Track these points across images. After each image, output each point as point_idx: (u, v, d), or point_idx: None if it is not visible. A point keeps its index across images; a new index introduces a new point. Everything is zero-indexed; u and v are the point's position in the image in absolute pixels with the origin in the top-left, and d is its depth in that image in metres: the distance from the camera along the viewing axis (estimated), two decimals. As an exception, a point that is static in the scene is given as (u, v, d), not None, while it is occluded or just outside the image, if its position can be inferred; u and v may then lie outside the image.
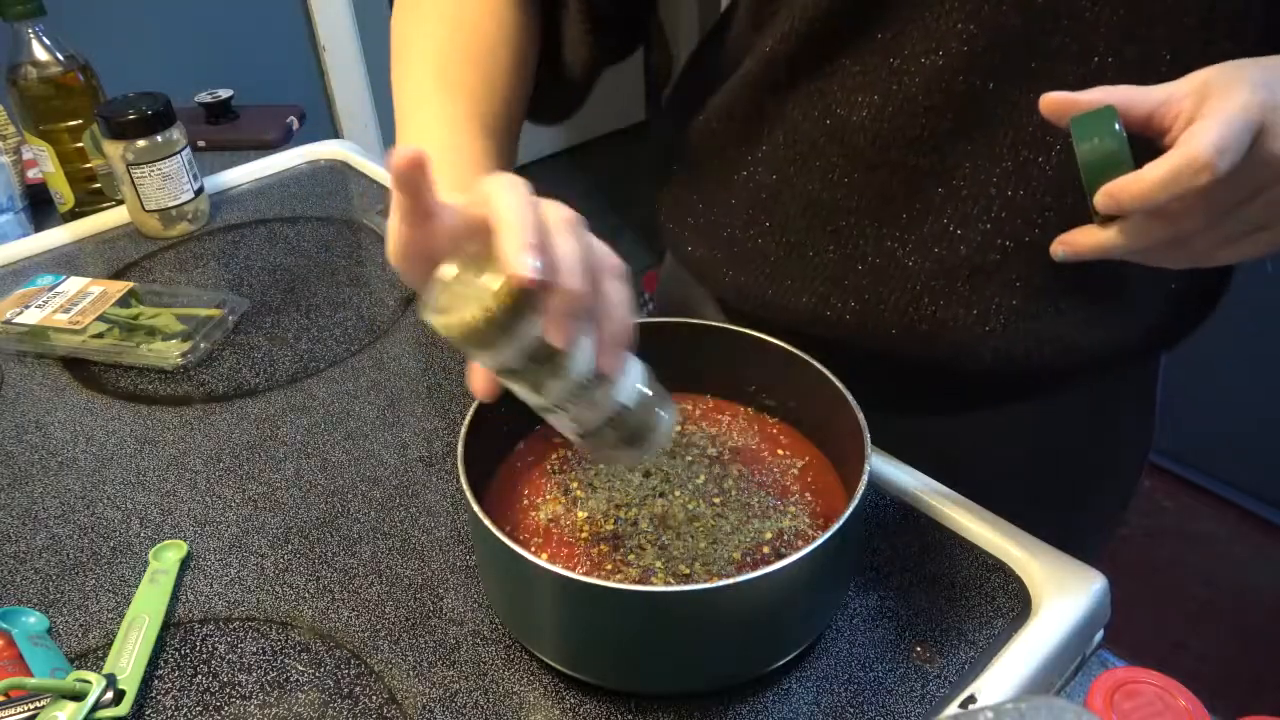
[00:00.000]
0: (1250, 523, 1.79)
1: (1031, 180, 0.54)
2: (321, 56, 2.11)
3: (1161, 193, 0.40)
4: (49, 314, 0.76)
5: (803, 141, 0.59)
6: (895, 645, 0.51)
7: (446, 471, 0.63)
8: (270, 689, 0.50)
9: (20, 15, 0.88)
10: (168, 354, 0.73)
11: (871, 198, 0.58)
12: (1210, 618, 1.64)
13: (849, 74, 0.56)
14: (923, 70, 0.53)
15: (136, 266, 0.89)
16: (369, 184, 1.01)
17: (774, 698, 0.48)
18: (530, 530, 0.53)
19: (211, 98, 1.21)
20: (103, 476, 0.64)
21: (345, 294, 0.83)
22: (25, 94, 0.91)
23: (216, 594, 0.55)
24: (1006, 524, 0.56)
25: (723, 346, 0.58)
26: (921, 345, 0.60)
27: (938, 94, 0.54)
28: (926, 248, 0.58)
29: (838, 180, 0.59)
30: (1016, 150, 0.54)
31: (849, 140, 0.57)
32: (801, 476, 0.56)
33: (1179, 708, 0.40)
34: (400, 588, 0.55)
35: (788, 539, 0.52)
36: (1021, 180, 0.54)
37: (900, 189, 0.57)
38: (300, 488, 0.63)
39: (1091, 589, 0.51)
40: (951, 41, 0.52)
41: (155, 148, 0.87)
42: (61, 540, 0.59)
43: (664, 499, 0.54)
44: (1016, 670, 0.48)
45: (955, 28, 0.52)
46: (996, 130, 0.54)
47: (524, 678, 0.50)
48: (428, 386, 0.72)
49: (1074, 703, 0.35)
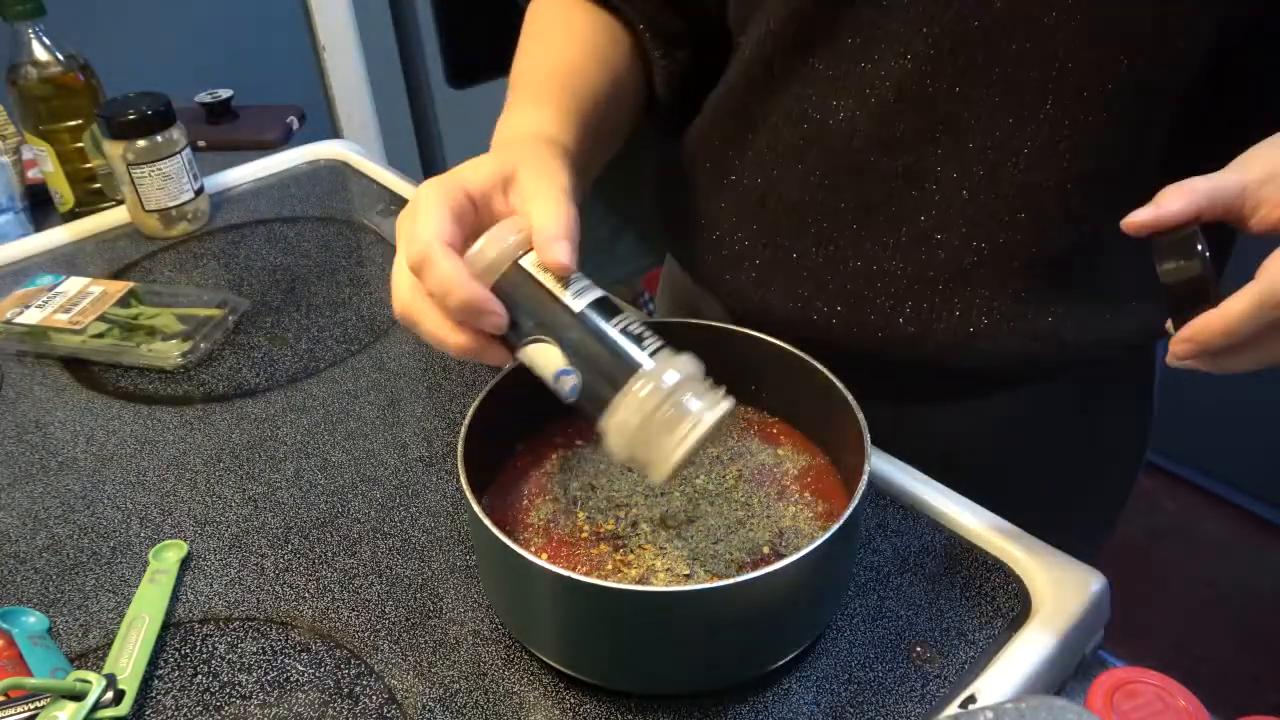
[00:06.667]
0: (1250, 523, 1.79)
1: (1002, 184, 0.55)
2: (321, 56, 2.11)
3: (1241, 329, 0.39)
4: (49, 314, 0.76)
5: (784, 145, 0.60)
6: (895, 645, 0.51)
7: (446, 471, 0.63)
8: (270, 689, 0.50)
9: (20, 15, 0.88)
10: (168, 354, 0.73)
11: (852, 201, 0.59)
12: (1210, 618, 1.64)
13: (823, 78, 0.57)
14: (892, 73, 0.54)
15: (136, 266, 0.89)
16: (369, 184, 1.01)
17: (774, 698, 0.48)
18: (530, 530, 0.53)
19: (211, 98, 1.21)
20: (103, 476, 0.64)
21: (345, 294, 0.83)
22: (25, 94, 0.91)
23: (216, 594, 0.55)
24: (1006, 524, 0.56)
25: (723, 346, 0.58)
26: (908, 346, 0.61)
27: (908, 97, 0.55)
28: (907, 251, 0.58)
29: (819, 183, 0.59)
30: (985, 154, 0.55)
31: (828, 143, 0.58)
32: (801, 476, 0.56)
33: (1179, 708, 0.40)
34: (400, 588, 0.55)
35: (788, 539, 0.52)
36: (992, 183, 0.55)
37: (878, 192, 0.58)
38: (300, 488, 0.63)
39: (1091, 589, 0.51)
40: (917, 45, 0.53)
41: (155, 148, 0.87)
42: (61, 540, 0.59)
43: (664, 499, 0.54)
44: (1016, 670, 0.48)
45: (920, 31, 0.53)
46: (965, 134, 0.55)
47: (524, 678, 0.50)
48: (428, 386, 0.72)
49: (1074, 703, 0.35)
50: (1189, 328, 0.41)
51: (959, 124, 0.54)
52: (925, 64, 0.53)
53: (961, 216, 0.57)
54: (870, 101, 0.56)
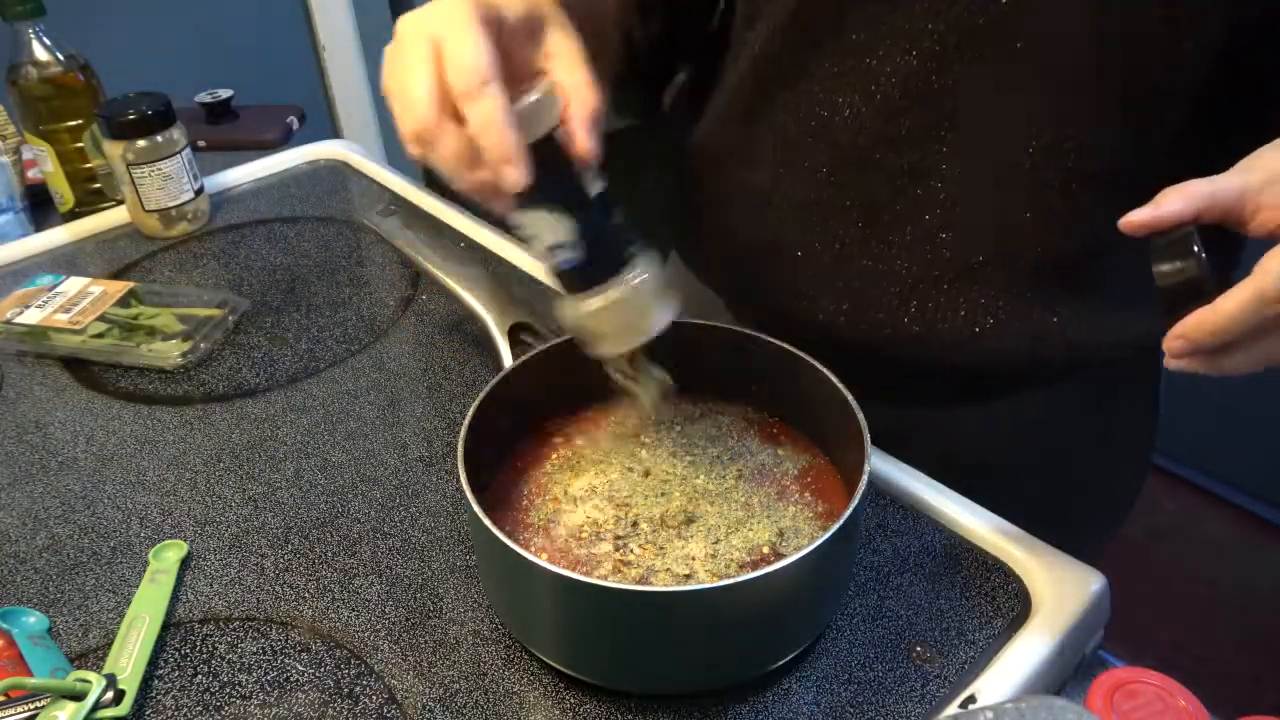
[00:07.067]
0: (1250, 523, 1.79)
1: (1007, 183, 0.55)
2: (321, 56, 2.11)
3: (1235, 326, 0.39)
4: (49, 314, 0.76)
5: (791, 142, 0.60)
6: (895, 645, 0.51)
7: (446, 471, 0.63)
8: (270, 689, 0.50)
9: (20, 15, 0.88)
10: (168, 354, 0.73)
11: (858, 199, 0.59)
12: (1210, 618, 1.64)
13: (829, 74, 0.57)
14: (897, 70, 0.54)
15: (136, 266, 0.89)
16: (369, 184, 1.01)
17: (774, 698, 0.48)
18: (530, 530, 0.53)
19: (211, 98, 1.21)
20: (103, 476, 0.64)
21: (345, 294, 0.83)
22: (25, 94, 0.91)
23: (216, 594, 0.55)
24: (1006, 524, 0.56)
25: (723, 346, 0.58)
26: (913, 345, 0.60)
27: (913, 94, 0.54)
28: (913, 249, 0.58)
29: (825, 181, 0.59)
30: (990, 152, 0.54)
31: (834, 141, 0.58)
32: (801, 476, 0.56)
33: (1179, 708, 0.40)
34: (400, 588, 0.55)
35: (788, 539, 0.52)
36: (998, 182, 0.55)
37: (884, 190, 0.58)
38: (300, 488, 0.63)
39: (1091, 589, 0.51)
40: (923, 41, 0.53)
41: (155, 148, 0.87)
42: (61, 540, 0.59)
43: (664, 499, 0.54)
44: (1016, 670, 0.48)
45: (926, 28, 0.52)
46: (970, 132, 0.54)
47: (524, 678, 0.50)
48: (428, 386, 0.72)
49: (1074, 703, 0.35)
50: (1182, 324, 0.41)
51: (964, 122, 0.54)
52: (930, 60, 0.53)
53: (967, 215, 0.56)
54: (876, 98, 0.55)
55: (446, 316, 0.79)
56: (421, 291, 0.83)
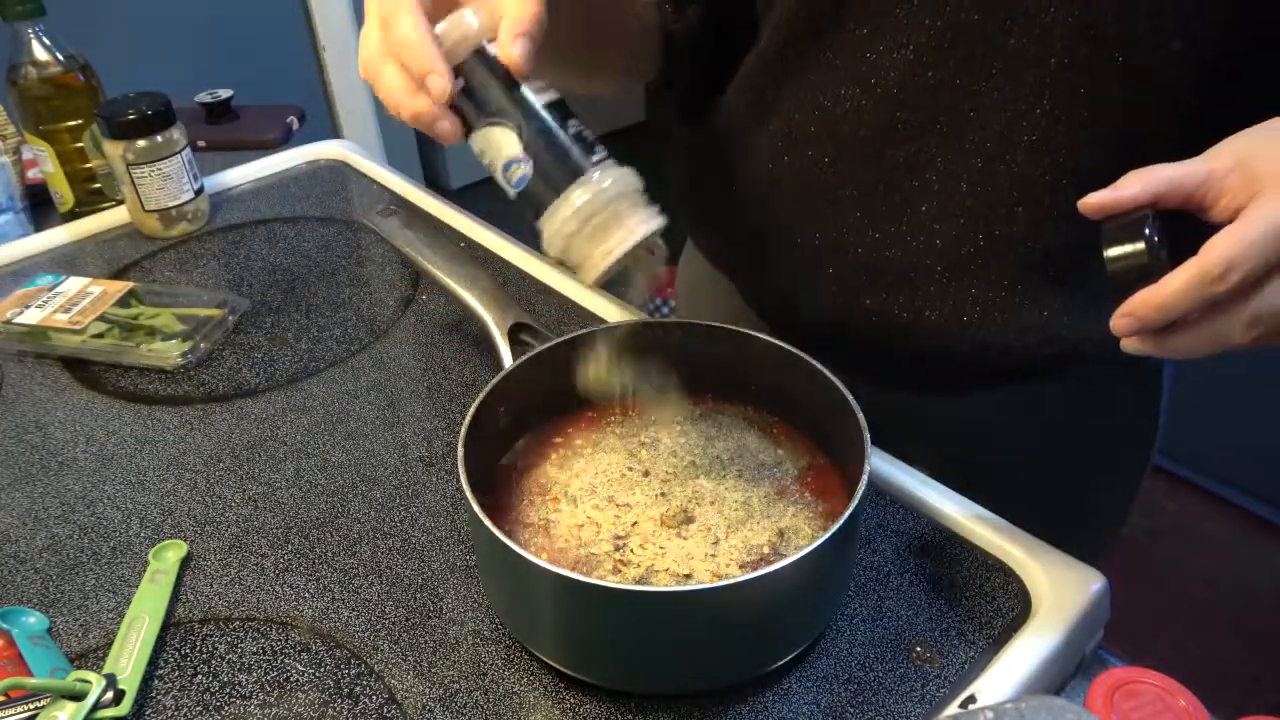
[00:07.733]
0: (1250, 523, 1.79)
1: (999, 176, 0.56)
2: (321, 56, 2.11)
3: (1179, 304, 0.39)
4: (49, 314, 0.76)
5: (797, 132, 0.61)
6: (895, 645, 0.51)
7: (446, 471, 0.63)
8: (270, 689, 0.50)
9: (20, 15, 0.88)
10: (168, 354, 0.73)
11: (857, 189, 0.60)
12: (1210, 618, 1.64)
13: (832, 66, 0.58)
14: (896, 65, 0.55)
15: (136, 266, 0.89)
16: (369, 184, 1.01)
17: (774, 698, 0.48)
18: (530, 530, 0.53)
19: (211, 98, 1.21)
20: (103, 476, 0.64)
21: (345, 294, 0.83)
22: (25, 94, 0.91)
23: (216, 594, 0.55)
24: (1006, 524, 0.56)
25: (723, 346, 0.58)
26: (900, 334, 0.62)
27: (910, 88, 0.55)
28: (905, 240, 0.59)
29: (827, 169, 0.60)
30: (983, 147, 0.55)
31: (836, 131, 0.59)
32: (801, 476, 0.56)
33: (1179, 708, 0.40)
34: (400, 588, 0.55)
35: (788, 539, 0.52)
36: (990, 176, 0.56)
37: (881, 181, 0.59)
38: (300, 488, 0.63)
39: (1091, 589, 0.51)
40: (920, 37, 0.54)
41: (155, 148, 0.87)
42: (61, 540, 0.59)
43: (664, 499, 0.54)
44: (1016, 670, 0.48)
45: (924, 23, 0.53)
46: (964, 126, 0.55)
47: (524, 678, 0.50)
48: (428, 386, 0.72)
49: (1074, 703, 0.35)
50: (1129, 303, 0.41)
51: (958, 116, 0.55)
52: (927, 55, 0.54)
53: (959, 208, 0.57)
54: (876, 91, 0.56)
55: (446, 316, 0.79)
56: (421, 291, 0.83)
